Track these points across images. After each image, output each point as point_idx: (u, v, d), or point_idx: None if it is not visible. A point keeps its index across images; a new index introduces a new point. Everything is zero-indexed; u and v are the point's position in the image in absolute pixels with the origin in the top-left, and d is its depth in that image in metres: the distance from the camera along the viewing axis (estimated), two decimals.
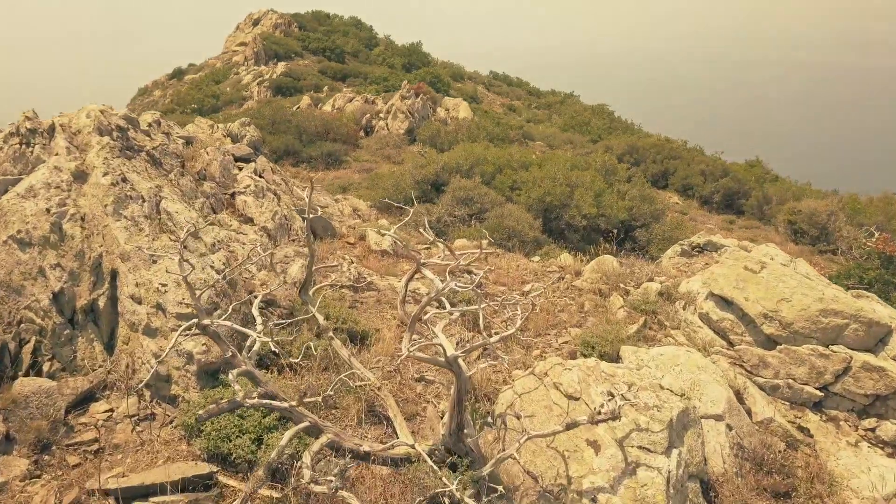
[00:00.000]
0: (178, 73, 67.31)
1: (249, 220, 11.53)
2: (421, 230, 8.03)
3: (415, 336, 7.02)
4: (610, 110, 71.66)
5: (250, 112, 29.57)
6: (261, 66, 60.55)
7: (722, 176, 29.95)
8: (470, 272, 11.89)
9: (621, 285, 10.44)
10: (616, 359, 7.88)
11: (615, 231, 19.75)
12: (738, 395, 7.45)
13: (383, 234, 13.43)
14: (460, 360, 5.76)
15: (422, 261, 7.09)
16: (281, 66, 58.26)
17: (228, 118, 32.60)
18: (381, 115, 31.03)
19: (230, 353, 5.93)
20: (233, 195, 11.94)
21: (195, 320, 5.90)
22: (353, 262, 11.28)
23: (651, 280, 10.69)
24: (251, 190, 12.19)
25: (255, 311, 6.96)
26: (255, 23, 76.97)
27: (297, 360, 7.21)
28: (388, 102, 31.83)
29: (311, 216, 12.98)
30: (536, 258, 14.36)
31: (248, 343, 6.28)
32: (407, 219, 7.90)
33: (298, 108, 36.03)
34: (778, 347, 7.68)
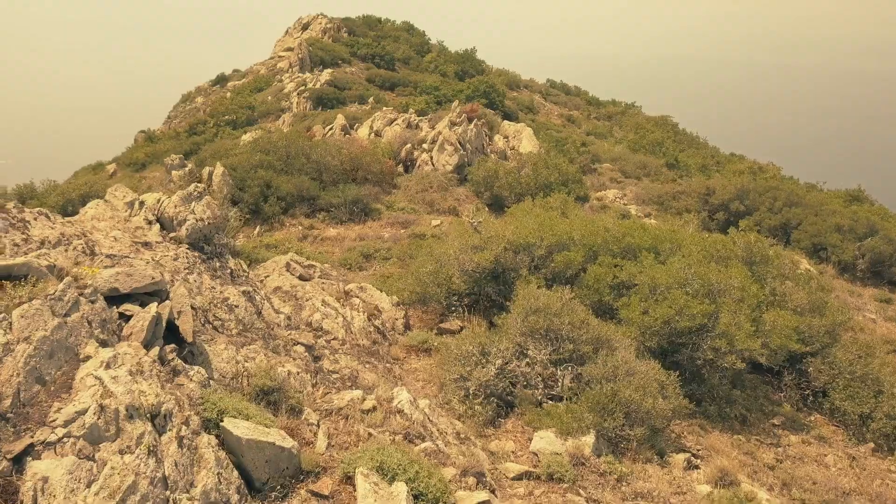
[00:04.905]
0: (221, 80, 61.23)
1: None
2: None
3: None
4: (673, 122, 63.09)
5: (260, 143, 22.50)
6: (305, 74, 53.80)
7: (868, 234, 21.57)
8: None
9: None
10: None
11: (782, 370, 11.98)
12: None
13: (392, 481, 6.07)
14: None
15: None
16: (326, 74, 51.45)
17: (241, 150, 25.73)
18: (426, 145, 23.65)
19: None
20: (23, 455, 4.74)
21: None
22: None
23: None
24: (82, 428, 4.98)
25: None
26: (305, 27, 70.27)
27: None
28: (435, 129, 24.41)
29: (243, 441, 5.33)
30: (703, 488, 6.84)
31: None
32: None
33: (331, 129, 28.98)
34: None
